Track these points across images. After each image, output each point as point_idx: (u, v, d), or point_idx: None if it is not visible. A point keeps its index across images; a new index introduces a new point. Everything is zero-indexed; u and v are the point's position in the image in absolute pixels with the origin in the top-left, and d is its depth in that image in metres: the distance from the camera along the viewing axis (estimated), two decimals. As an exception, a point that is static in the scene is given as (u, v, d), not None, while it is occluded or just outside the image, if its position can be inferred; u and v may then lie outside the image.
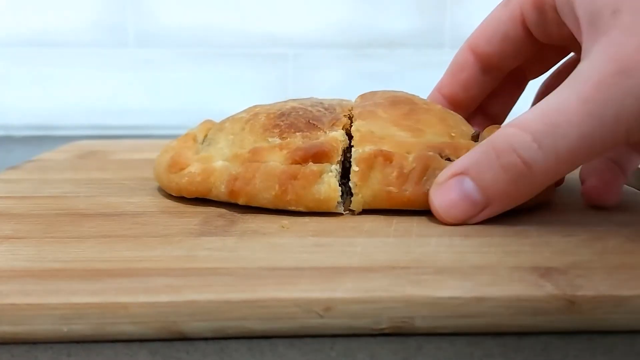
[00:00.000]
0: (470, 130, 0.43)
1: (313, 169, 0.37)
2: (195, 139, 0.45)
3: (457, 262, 0.30)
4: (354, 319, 0.26)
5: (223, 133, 0.43)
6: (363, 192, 0.38)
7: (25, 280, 0.27)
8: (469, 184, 0.34)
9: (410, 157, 0.38)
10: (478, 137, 0.42)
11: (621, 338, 0.26)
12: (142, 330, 0.25)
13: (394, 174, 0.37)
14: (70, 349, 0.25)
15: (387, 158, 0.37)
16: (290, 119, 0.41)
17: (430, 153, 0.38)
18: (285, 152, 0.38)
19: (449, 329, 0.26)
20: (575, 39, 0.37)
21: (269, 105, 0.44)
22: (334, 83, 0.90)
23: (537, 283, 0.27)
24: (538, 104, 0.33)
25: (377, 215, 0.38)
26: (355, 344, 0.26)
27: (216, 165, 0.40)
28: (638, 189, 0.46)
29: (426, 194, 0.37)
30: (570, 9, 0.35)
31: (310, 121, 0.40)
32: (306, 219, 0.37)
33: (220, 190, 0.39)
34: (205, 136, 0.45)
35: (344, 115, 0.41)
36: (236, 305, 0.25)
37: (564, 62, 0.48)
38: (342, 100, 0.45)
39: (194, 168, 0.40)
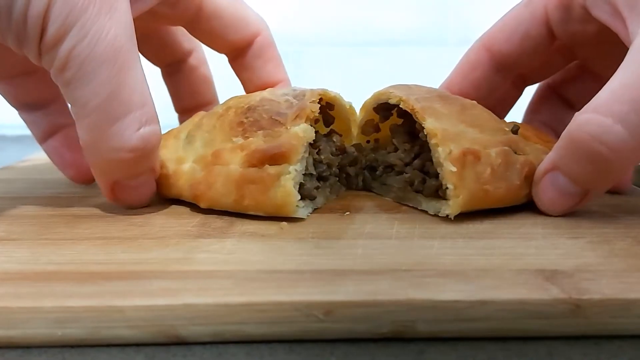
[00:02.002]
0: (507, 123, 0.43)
1: (270, 172, 0.36)
2: (177, 137, 0.44)
3: (461, 264, 0.30)
4: (355, 323, 0.26)
5: (200, 130, 0.42)
6: (463, 194, 0.36)
7: (18, 283, 0.27)
8: (562, 180, 0.36)
9: (493, 153, 0.37)
10: (518, 131, 0.42)
11: (628, 343, 0.26)
12: (139, 334, 0.26)
13: (488, 171, 0.37)
14: (64, 354, 0.25)
15: (476, 156, 0.37)
16: (254, 115, 0.39)
17: (506, 148, 0.38)
18: (245, 153, 0.37)
19: (452, 333, 0.26)
20: (595, 37, 0.40)
21: (243, 96, 0.43)
22: (336, 81, 0.90)
23: (542, 286, 0.27)
24: (606, 86, 0.34)
25: (379, 217, 0.38)
26: (356, 348, 0.26)
27: (184, 168, 0.40)
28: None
29: (514, 190, 0.37)
30: (604, 2, 0.37)
31: (273, 117, 0.39)
32: (306, 221, 0.37)
33: (187, 193, 0.39)
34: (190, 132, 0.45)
35: (312, 101, 0.38)
36: (235, 308, 0.25)
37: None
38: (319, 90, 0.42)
39: (167, 169, 0.40)
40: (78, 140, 0.36)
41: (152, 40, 0.50)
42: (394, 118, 0.43)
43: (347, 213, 0.39)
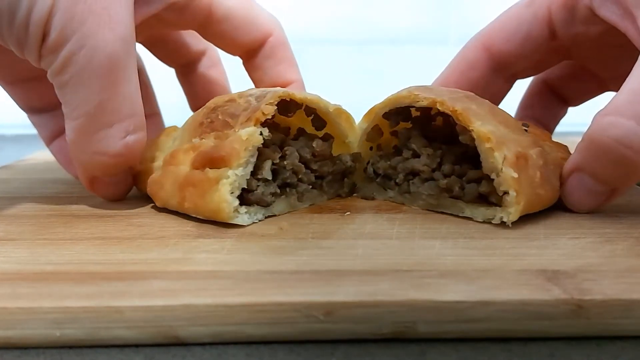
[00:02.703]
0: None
1: (209, 175, 0.35)
2: (168, 134, 0.44)
3: (462, 265, 0.30)
4: (356, 324, 0.26)
5: (181, 129, 0.43)
6: (523, 200, 0.34)
7: (16, 283, 0.27)
8: (587, 180, 0.36)
9: (534, 155, 0.36)
10: (527, 129, 0.41)
11: (630, 344, 0.26)
12: (138, 335, 0.26)
13: (537, 175, 0.36)
14: (62, 354, 0.25)
15: (525, 159, 0.35)
16: (212, 116, 0.39)
17: (539, 148, 0.38)
18: (194, 155, 0.37)
19: (453, 334, 0.26)
20: (597, 39, 0.40)
21: (222, 96, 0.42)
22: (337, 80, 0.90)
23: (544, 287, 0.27)
24: (625, 87, 0.34)
25: (379, 217, 0.38)
26: (357, 349, 0.26)
27: (155, 166, 0.40)
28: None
29: (555, 191, 0.37)
30: (612, 2, 0.37)
31: (226, 118, 0.38)
32: (306, 221, 0.37)
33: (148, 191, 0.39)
34: None
35: (269, 103, 0.37)
36: (234, 309, 0.25)
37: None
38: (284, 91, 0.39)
39: (141, 166, 0.41)
40: None
41: (164, 43, 0.50)
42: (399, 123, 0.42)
43: (348, 213, 0.39)
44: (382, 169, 0.42)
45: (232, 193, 0.35)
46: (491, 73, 0.45)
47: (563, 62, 0.48)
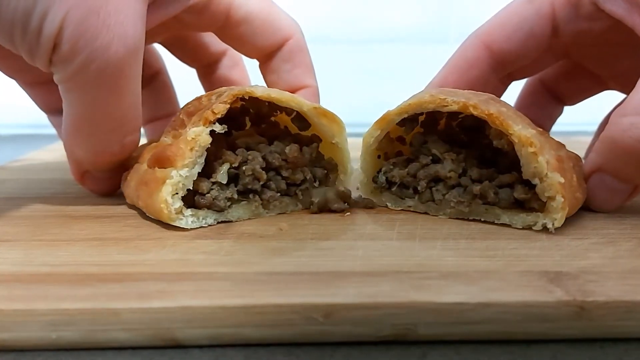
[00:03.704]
0: None
1: (157, 175, 0.35)
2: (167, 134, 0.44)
3: (463, 266, 0.30)
4: (355, 326, 0.26)
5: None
6: (568, 205, 0.34)
7: (12, 285, 0.27)
8: (609, 180, 0.37)
9: (565, 157, 0.36)
10: None
11: (634, 346, 0.26)
12: (135, 337, 0.25)
13: (574, 178, 0.36)
14: (59, 357, 0.25)
15: (562, 162, 0.35)
16: (179, 114, 0.39)
17: (565, 150, 0.38)
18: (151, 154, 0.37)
19: (454, 336, 0.26)
20: (600, 36, 0.40)
21: (198, 96, 0.41)
22: (337, 79, 0.90)
23: (546, 288, 0.27)
24: (638, 87, 0.34)
25: (380, 217, 0.38)
26: (357, 351, 0.26)
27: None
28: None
29: (585, 193, 0.37)
30: None
31: (184, 117, 0.38)
32: (305, 221, 0.37)
33: None
34: None
35: (223, 102, 0.36)
36: (232, 311, 0.25)
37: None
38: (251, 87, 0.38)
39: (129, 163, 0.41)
40: None
41: (183, 44, 0.50)
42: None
43: (348, 214, 0.39)
44: (398, 177, 0.39)
45: (176, 194, 0.34)
46: (491, 72, 0.45)
47: (559, 62, 0.48)
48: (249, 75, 0.54)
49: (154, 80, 0.52)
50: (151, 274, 0.29)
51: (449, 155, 0.38)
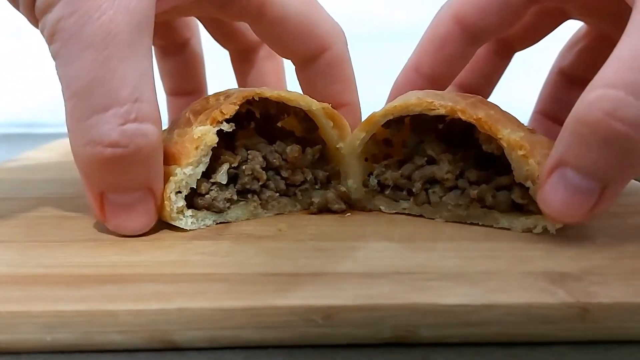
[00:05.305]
0: None
1: (164, 171, 0.34)
2: None
3: (465, 267, 0.30)
4: (356, 328, 0.26)
5: None
6: None
7: (6, 286, 0.27)
8: (572, 175, 0.30)
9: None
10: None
11: (638, 348, 0.26)
12: (131, 339, 0.25)
13: None
14: (54, 359, 0.25)
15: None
16: (184, 112, 0.38)
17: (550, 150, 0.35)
18: None
19: (456, 339, 0.26)
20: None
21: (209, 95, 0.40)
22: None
23: (550, 290, 0.27)
24: (612, 57, 0.29)
25: (380, 218, 0.38)
26: (357, 354, 0.26)
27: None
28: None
29: None
30: None
31: (191, 116, 0.37)
32: (305, 222, 0.37)
33: None
34: None
35: (232, 103, 0.35)
36: (231, 313, 0.25)
37: (577, 35, 0.47)
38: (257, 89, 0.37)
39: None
40: None
41: (220, 24, 0.48)
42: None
43: (348, 214, 0.39)
44: (391, 179, 0.38)
45: (178, 192, 0.34)
46: (467, 47, 0.41)
47: (578, 44, 0.45)
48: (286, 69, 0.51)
49: (182, 49, 0.50)
50: (148, 275, 0.29)
51: (445, 156, 0.37)
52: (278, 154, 0.38)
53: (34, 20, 0.32)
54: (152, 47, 0.49)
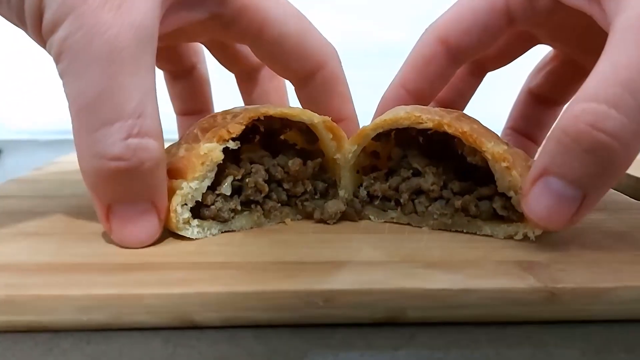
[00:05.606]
0: None
1: (169, 185, 0.33)
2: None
3: (447, 256, 0.30)
4: (352, 309, 0.26)
5: None
6: None
7: (48, 273, 0.27)
8: (556, 183, 0.29)
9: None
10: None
11: (598, 327, 0.26)
12: (156, 319, 0.25)
13: None
14: (89, 337, 0.25)
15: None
16: (192, 129, 0.36)
17: (533, 160, 0.33)
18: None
19: (440, 319, 0.26)
20: (563, 24, 0.37)
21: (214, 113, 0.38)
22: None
23: (521, 276, 0.27)
24: (594, 71, 0.28)
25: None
26: (354, 332, 0.26)
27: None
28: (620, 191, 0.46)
29: None
30: None
31: (198, 132, 0.35)
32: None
33: None
34: None
35: (239, 122, 0.34)
36: (243, 296, 0.25)
37: (545, 59, 0.46)
38: (263, 107, 0.35)
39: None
40: None
41: (224, 49, 0.46)
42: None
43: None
44: (380, 191, 0.37)
45: (184, 205, 0.32)
46: (450, 67, 0.40)
47: (546, 67, 0.45)
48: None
49: (190, 74, 0.49)
50: (171, 263, 0.29)
51: (429, 168, 0.35)
52: (280, 167, 0.36)
53: (42, 42, 0.30)
54: (163, 72, 0.50)
